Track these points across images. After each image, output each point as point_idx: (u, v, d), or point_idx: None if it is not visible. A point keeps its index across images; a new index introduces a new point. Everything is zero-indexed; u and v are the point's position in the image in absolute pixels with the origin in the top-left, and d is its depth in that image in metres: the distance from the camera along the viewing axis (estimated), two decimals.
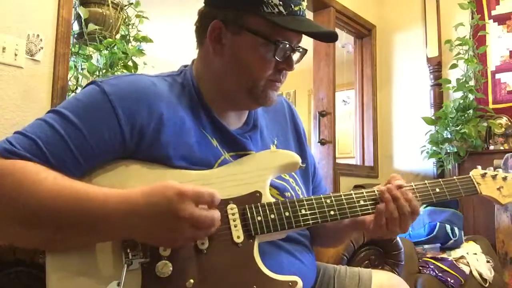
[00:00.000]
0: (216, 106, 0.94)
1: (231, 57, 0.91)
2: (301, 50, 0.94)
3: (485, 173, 1.02)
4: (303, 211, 0.86)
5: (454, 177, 1.00)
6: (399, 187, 0.92)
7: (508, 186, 1.02)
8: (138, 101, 0.84)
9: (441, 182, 0.97)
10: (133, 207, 0.73)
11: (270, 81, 0.92)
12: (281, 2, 0.87)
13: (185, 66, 1.00)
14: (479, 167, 1.05)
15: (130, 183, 0.80)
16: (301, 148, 1.09)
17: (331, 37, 0.93)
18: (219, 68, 0.93)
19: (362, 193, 0.92)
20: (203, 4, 0.96)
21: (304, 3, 0.92)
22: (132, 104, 0.83)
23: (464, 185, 1.00)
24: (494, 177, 1.03)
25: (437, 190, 0.96)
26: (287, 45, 0.89)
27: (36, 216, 0.72)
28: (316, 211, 0.87)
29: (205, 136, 0.90)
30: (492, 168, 1.04)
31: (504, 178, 1.03)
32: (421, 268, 2.30)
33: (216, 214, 0.75)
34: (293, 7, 0.88)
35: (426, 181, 0.96)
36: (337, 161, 3.31)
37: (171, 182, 0.73)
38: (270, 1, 0.86)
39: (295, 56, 0.93)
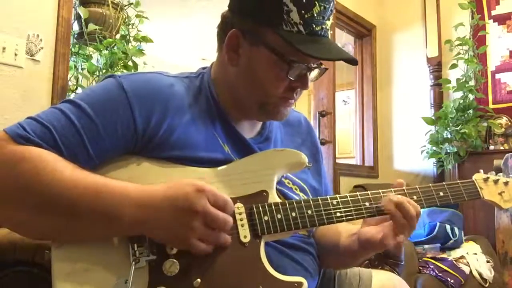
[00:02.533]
0: (231, 112, 0.93)
1: (245, 69, 0.89)
2: (320, 68, 0.91)
3: (488, 178, 1.03)
4: (310, 212, 0.86)
5: (458, 181, 1.00)
6: (400, 184, 0.92)
7: (509, 191, 1.03)
8: (155, 101, 0.84)
9: (445, 186, 0.97)
10: (150, 200, 0.74)
11: (283, 98, 0.90)
12: (301, 21, 0.83)
13: (204, 68, 0.99)
14: (481, 171, 1.05)
15: (142, 181, 0.80)
16: (316, 164, 1.07)
17: (351, 62, 0.89)
18: (233, 77, 0.91)
19: (368, 194, 0.91)
20: (227, 7, 0.93)
21: (328, 22, 0.87)
22: (148, 102, 0.83)
23: (467, 190, 1.00)
24: (496, 181, 1.03)
25: (441, 194, 0.96)
26: (303, 65, 0.86)
27: (52, 204, 0.72)
28: (322, 212, 0.87)
29: (217, 141, 0.89)
30: (494, 172, 1.04)
31: (506, 183, 1.04)
32: (421, 268, 2.30)
33: (229, 218, 0.76)
34: (314, 27, 0.84)
35: (430, 184, 0.96)
36: (337, 161, 3.31)
37: (190, 179, 0.76)
38: (290, 19, 0.82)
39: (313, 73, 0.91)
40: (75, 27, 2.01)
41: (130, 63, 2.06)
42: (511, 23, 3.26)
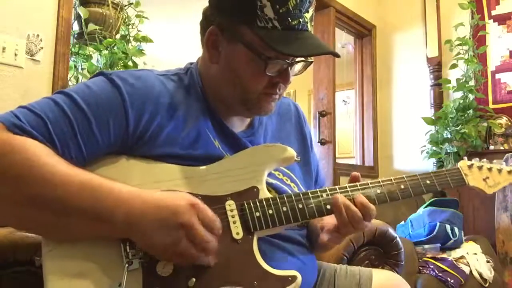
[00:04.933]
0: (219, 107, 0.93)
1: (225, 66, 0.88)
2: (305, 61, 0.89)
3: (472, 164, 1.05)
4: (300, 206, 0.86)
5: (444, 169, 1.02)
6: (355, 177, 0.93)
7: (493, 177, 1.05)
8: (147, 98, 0.83)
9: (432, 174, 0.99)
10: (145, 206, 0.73)
11: (265, 93, 0.88)
12: (276, 16, 0.80)
13: (191, 63, 0.99)
14: (466, 158, 1.08)
15: (130, 180, 0.80)
16: (304, 151, 1.07)
17: (332, 55, 0.88)
18: (215, 74, 0.91)
19: (356, 185, 0.92)
20: (208, 3, 0.93)
21: (307, 15, 0.84)
22: (140, 99, 0.83)
23: (452, 177, 1.01)
24: (480, 168, 1.05)
25: (428, 182, 0.98)
26: (281, 61, 0.84)
27: (43, 198, 0.71)
28: (313, 205, 0.87)
29: (208, 137, 0.89)
30: (477, 159, 1.07)
31: (490, 169, 1.06)
32: (421, 268, 2.30)
33: (213, 241, 0.75)
34: (290, 21, 0.81)
35: (417, 174, 0.98)
36: (337, 161, 3.31)
37: (187, 194, 0.76)
38: (264, 14, 0.80)
39: (298, 66, 0.90)
40: (75, 27, 2.01)
41: (130, 63, 2.06)
42: (511, 23, 3.26)
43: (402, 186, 0.94)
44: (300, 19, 0.83)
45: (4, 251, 0.91)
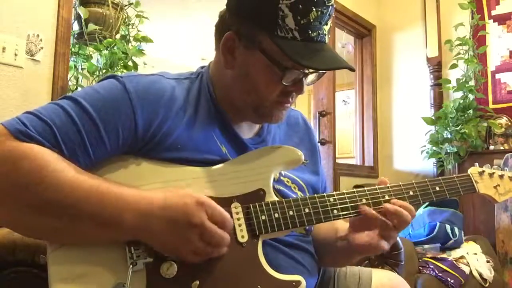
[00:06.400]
0: (229, 113, 0.93)
1: (240, 72, 0.88)
2: (318, 72, 0.88)
3: (483, 171, 1.03)
4: (307, 210, 0.86)
5: (454, 176, 1.00)
6: (383, 182, 0.93)
7: (504, 184, 1.03)
8: (157, 104, 0.83)
9: (441, 181, 0.97)
10: (149, 208, 0.73)
11: (278, 102, 0.88)
12: (297, 27, 0.80)
13: (203, 67, 0.98)
14: (477, 164, 1.05)
15: (139, 180, 0.80)
16: (314, 163, 1.07)
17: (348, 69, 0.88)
18: (229, 79, 0.91)
19: (365, 191, 0.91)
20: (225, 6, 0.91)
21: (326, 27, 0.84)
22: (151, 105, 0.82)
23: (463, 184, 1.00)
24: (491, 175, 1.03)
25: (437, 188, 0.96)
26: (297, 72, 0.84)
27: (53, 205, 0.70)
28: (320, 210, 0.87)
29: (215, 143, 0.89)
30: (489, 166, 1.04)
31: (501, 176, 1.04)
32: (421, 268, 2.30)
33: (225, 235, 0.75)
34: (310, 33, 0.81)
35: (426, 179, 0.96)
36: (337, 161, 3.31)
37: (192, 191, 0.76)
38: (285, 24, 0.80)
39: (311, 76, 0.89)
40: (75, 27, 2.01)
41: (130, 63, 2.06)
42: (511, 23, 3.26)
43: (411, 192, 0.93)
44: (319, 31, 0.83)
45: (4, 251, 0.91)
